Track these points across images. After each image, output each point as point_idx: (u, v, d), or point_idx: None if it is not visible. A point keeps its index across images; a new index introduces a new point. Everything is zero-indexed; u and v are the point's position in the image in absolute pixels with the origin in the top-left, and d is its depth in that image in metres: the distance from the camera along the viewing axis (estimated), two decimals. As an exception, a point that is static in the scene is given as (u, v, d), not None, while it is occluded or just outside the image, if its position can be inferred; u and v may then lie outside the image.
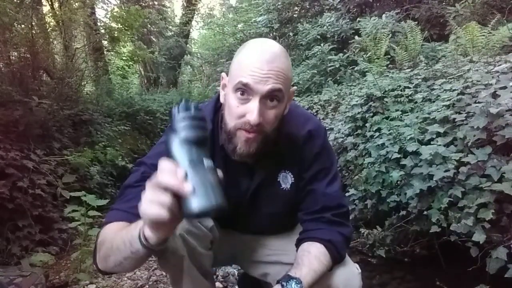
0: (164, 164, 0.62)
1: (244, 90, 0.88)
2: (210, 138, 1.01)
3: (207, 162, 0.64)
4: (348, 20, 6.26)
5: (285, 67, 0.91)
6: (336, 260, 0.98)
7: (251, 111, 0.88)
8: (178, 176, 0.60)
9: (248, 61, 0.89)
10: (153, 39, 11.76)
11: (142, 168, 0.97)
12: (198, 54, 15.35)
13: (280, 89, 0.89)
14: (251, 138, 0.91)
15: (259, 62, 0.88)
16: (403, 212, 2.26)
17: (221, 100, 1.00)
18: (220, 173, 0.66)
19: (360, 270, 1.04)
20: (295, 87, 1.04)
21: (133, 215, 0.88)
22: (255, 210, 1.09)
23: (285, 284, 0.85)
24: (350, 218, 2.67)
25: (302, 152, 1.04)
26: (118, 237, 0.77)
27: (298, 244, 1.02)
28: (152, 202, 0.61)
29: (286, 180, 1.06)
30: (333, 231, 0.99)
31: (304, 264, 0.92)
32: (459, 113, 2.19)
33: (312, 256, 0.94)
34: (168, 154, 0.66)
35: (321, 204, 1.01)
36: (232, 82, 0.91)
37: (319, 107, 4.59)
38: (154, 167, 0.95)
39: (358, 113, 3.09)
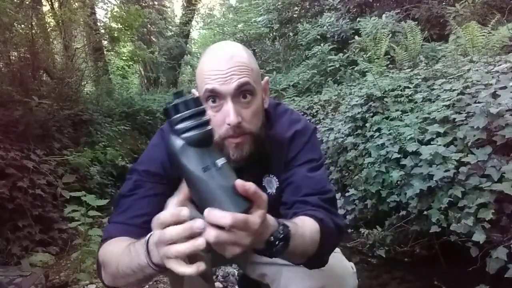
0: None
1: (213, 96, 0.86)
2: None
3: (221, 161, 0.60)
4: (348, 20, 6.26)
5: (246, 60, 0.88)
6: (326, 243, 0.83)
7: (227, 114, 0.85)
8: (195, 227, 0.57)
9: (208, 66, 0.87)
10: (153, 39, 11.77)
11: (134, 176, 0.96)
12: (198, 54, 15.35)
13: (247, 82, 0.86)
14: (240, 142, 0.88)
15: (218, 63, 0.86)
16: (403, 212, 2.26)
17: None
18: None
19: (355, 270, 1.03)
20: (267, 77, 1.01)
21: (131, 226, 0.87)
22: None
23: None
24: (350, 218, 2.70)
25: (287, 153, 1.01)
26: (123, 263, 0.74)
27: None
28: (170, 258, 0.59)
29: (271, 185, 1.03)
30: (325, 215, 0.88)
31: (297, 225, 0.77)
32: (459, 113, 2.19)
33: (306, 225, 0.81)
34: (172, 161, 0.61)
35: (304, 189, 0.93)
36: (201, 93, 0.89)
37: (319, 107, 4.59)
38: (146, 174, 0.95)
39: (358, 113, 3.09)
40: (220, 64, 0.85)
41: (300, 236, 0.74)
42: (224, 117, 0.86)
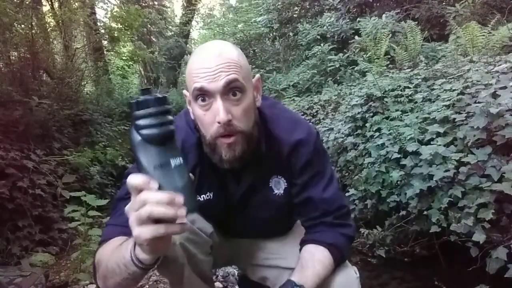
0: (136, 180, 0.59)
1: (202, 94, 0.85)
2: (196, 146, 0.97)
3: (175, 162, 0.61)
4: (348, 20, 6.27)
5: (235, 56, 0.87)
6: (339, 263, 0.97)
7: (217, 112, 0.84)
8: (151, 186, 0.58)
9: (196, 65, 0.86)
10: (153, 39, 11.78)
11: None
12: (198, 54, 15.31)
13: (236, 79, 0.84)
14: (232, 142, 0.87)
15: (206, 61, 0.85)
16: (403, 212, 2.26)
17: (192, 116, 0.96)
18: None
19: (358, 275, 1.02)
20: (259, 75, 0.99)
21: (129, 229, 0.87)
22: (247, 216, 1.06)
23: None
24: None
25: (291, 160, 1.00)
26: (112, 260, 0.75)
27: (301, 246, 1.00)
28: (144, 223, 0.59)
29: (279, 185, 1.03)
30: (336, 233, 0.97)
31: (308, 267, 0.90)
32: (459, 113, 2.19)
33: (316, 259, 0.92)
34: (133, 153, 0.62)
35: (321, 210, 0.98)
36: (190, 93, 0.89)
37: (319, 107, 4.59)
38: None
39: (358, 113, 3.09)
40: (208, 62, 0.84)
41: (316, 276, 0.89)
42: (214, 116, 0.85)
